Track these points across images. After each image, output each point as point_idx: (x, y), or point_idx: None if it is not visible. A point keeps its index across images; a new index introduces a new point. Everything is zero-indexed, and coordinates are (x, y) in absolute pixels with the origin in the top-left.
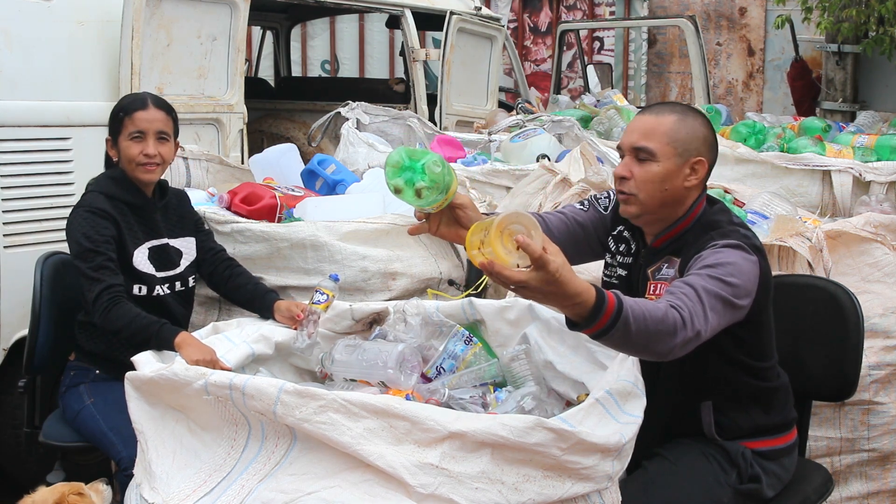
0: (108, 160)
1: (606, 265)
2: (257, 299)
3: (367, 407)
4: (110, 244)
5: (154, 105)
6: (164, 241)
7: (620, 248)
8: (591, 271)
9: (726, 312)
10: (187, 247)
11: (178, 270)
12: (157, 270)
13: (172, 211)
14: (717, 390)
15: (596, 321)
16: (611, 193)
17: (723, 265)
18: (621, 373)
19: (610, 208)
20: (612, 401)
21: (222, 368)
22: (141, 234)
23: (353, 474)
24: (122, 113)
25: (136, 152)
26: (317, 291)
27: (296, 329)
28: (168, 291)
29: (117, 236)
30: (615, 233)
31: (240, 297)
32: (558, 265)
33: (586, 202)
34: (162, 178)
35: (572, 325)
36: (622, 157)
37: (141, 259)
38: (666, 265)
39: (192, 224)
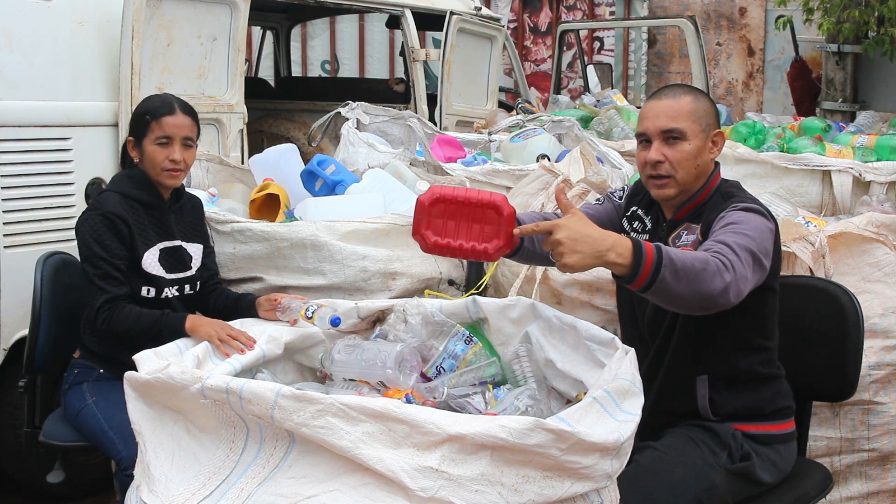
0: (123, 160)
1: None
2: (241, 304)
3: (365, 411)
4: (121, 251)
5: (181, 110)
6: (177, 242)
7: (634, 226)
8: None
9: (755, 268)
10: (198, 252)
11: (188, 273)
12: (167, 272)
13: (186, 215)
14: (715, 364)
15: (641, 265)
16: (625, 187)
17: (745, 223)
18: (619, 371)
19: (625, 196)
20: (609, 399)
21: (241, 337)
22: (153, 235)
23: (352, 477)
24: (149, 116)
25: (161, 158)
26: (314, 303)
27: (276, 316)
28: (177, 294)
29: (129, 240)
30: (629, 214)
31: (220, 305)
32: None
33: (602, 197)
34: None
35: (619, 278)
36: (645, 143)
37: (151, 261)
38: (685, 232)
39: (204, 234)
